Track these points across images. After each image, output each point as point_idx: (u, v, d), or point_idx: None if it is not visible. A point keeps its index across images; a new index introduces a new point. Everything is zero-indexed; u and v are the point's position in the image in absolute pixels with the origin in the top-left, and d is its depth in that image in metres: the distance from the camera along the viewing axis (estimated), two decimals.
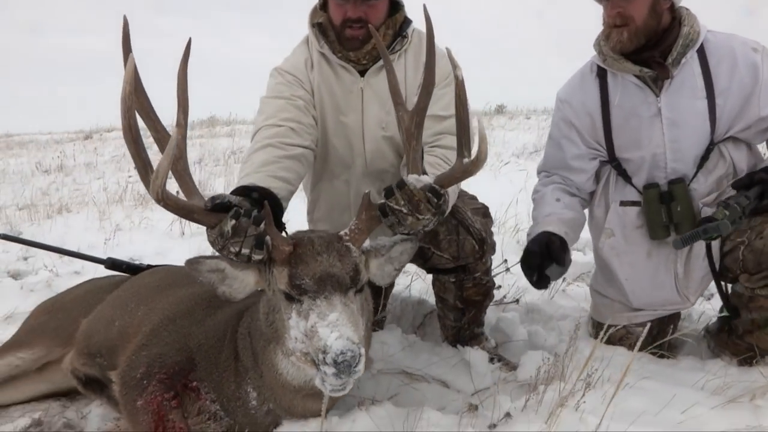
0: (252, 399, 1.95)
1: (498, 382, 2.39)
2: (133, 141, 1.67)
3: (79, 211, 5.88)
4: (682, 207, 2.38)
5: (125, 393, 2.00)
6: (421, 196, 1.75)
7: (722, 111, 2.37)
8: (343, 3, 2.42)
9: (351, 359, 1.55)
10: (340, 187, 2.70)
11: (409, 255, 1.93)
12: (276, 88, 2.54)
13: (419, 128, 1.86)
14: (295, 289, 1.71)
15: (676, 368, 2.34)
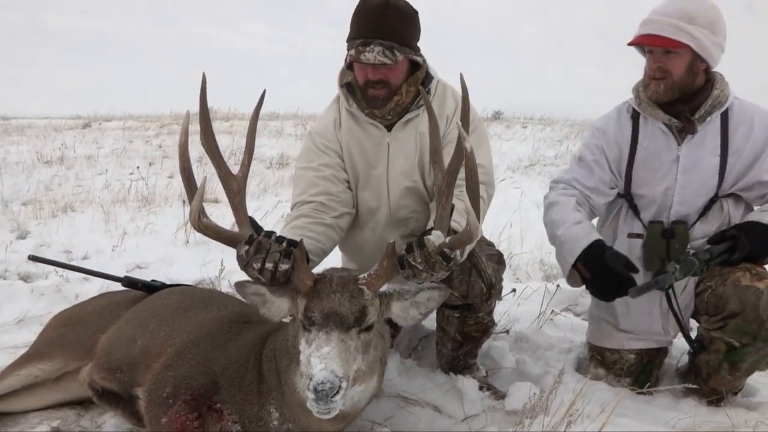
0: (274, 419, 2.12)
1: (487, 410, 2.58)
2: (187, 179, 2.06)
3: (84, 211, 6.01)
4: (679, 245, 2.63)
5: (151, 409, 2.17)
6: (437, 257, 1.92)
7: (732, 169, 2.62)
8: (364, 67, 2.60)
9: (329, 390, 1.74)
10: (367, 234, 2.92)
11: (436, 303, 2.05)
12: (307, 156, 2.80)
13: (450, 188, 2.00)
14: (307, 319, 1.93)
15: (652, 405, 2.52)
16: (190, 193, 2.02)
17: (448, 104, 2.75)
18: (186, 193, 2.04)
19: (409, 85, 2.69)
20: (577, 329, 3.46)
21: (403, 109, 2.73)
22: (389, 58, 2.53)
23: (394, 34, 2.57)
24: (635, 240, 2.75)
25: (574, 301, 3.94)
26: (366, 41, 2.54)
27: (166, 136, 13.32)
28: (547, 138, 13.80)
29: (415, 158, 2.75)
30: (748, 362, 2.50)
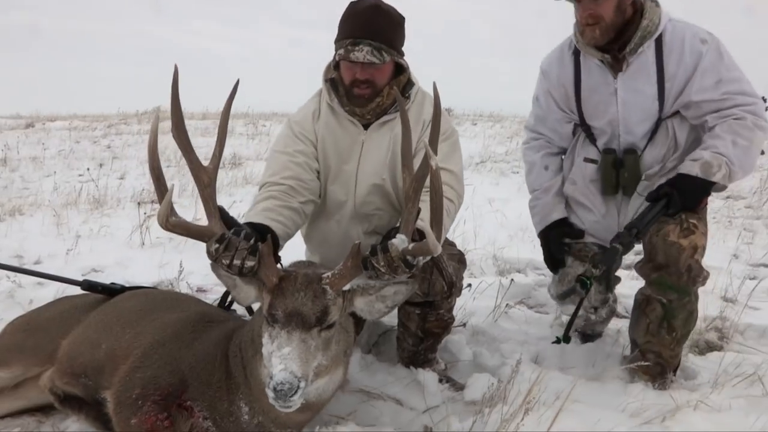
0: (244, 414, 2.17)
1: (447, 401, 2.68)
2: (156, 178, 2.06)
3: (33, 214, 5.87)
4: (629, 174, 2.82)
5: (120, 411, 2.19)
6: (399, 262, 1.98)
7: (669, 94, 2.74)
8: (352, 66, 2.69)
9: (288, 390, 1.82)
10: (332, 226, 2.98)
11: (404, 296, 2.13)
12: (283, 141, 2.86)
13: (417, 193, 2.06)
14: (270, 316, 1.99)
15: (602, 391, 2.64)
16: (160, 192, 2.04)
17: (426, 110, 2.83)
18: (156, 191, 2.06)
19: (390, 87, 2.77)
20: (531, 321, 3.59)
21: (382, 111, 2.81)
22: (377, 58, 2.62)
23: (383, 35, 2.67)
24: (591, 164, 2.94)
25: (527, 295, 4.08)
26: (355, 41, 2.63)
27: (115, 137, 13.07)
28: (496, 135, 14.05)
29: (387, 159, 2.83)
30: (679, 319, 2.68)
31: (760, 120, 2.65)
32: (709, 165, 2.58)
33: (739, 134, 2.60)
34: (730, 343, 3.30)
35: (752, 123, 2.62)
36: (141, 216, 5.17)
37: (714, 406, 2.45)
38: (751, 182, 8.27)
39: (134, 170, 8.85)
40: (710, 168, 2.57)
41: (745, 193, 7.72)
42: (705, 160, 2.58)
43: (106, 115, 18.17)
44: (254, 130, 13.81)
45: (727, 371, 2.79)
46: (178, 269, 4.01)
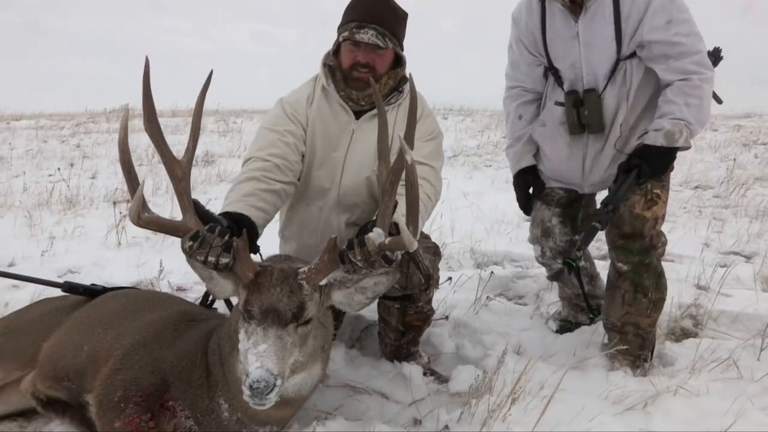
0: (224, 411, 2.16)
1: (432, 393, 2.71)
2: (128, 172, 2.01)
3: (3, 216, 5.75)
4: (589, 112, 2.93)
5: (103, 415, 2.16)
6: (377, 256, 1.98)
7: (625, 34, 2.85)
8: (354, 49, 2.73)
9: (264, 388, 1.81)
10: (314, 212, 2.98)
11: (385, 287, 2.11)
12: (274, 119, 2.85)
13: (393, 186, 2.06)
14: (246, 312, 1.98)
15: (585, 380, 2.70)
16: (131, 187, 2.00)
17: (418, 108, 2.85)
18: (127, 186, 2.02)
19: (388, 78, 2.82)
20: (511, 313, 3.64)
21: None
22: (381, 41, 2.68)
23: (388, 23, 2.73)
24: (558, 107, 3.06)
25: (506, 287, 4.13)
26: (361, 24, 2.69)
27: (84, 135, 12.82)
28: (468, 128, 14.11)
29: (374, 151, 2.82)
30: (648, 279, 2.91)
31: (704, 74, 2.80)
32: (671, 133, 2.74)
33: (689, 95, 2.76)
34: (705, 329, 3.38)
35: (698, 80, 2.78)
36: (117, 216, 5.10)
37: (693, 391, 2.53)
38: (718, 172, 8.47)
39: (105, 169, 8.71)
40: (673, 135, 2.74)
41: (713, 183, 7.89)
42: (667, 129, 2.74)
43: (74, 114, 17.81)
44: (225, 127, 13.69)
45: (703, 357, 2.87)
46: (157, 269, 3.98)
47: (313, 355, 2.12)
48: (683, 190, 7.54)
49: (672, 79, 2.81)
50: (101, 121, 15.52)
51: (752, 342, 3.04)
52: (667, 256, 4.70)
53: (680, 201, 6.79)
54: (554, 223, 3.20)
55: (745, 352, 2.93)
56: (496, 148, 11.02)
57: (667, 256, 4.70)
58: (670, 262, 4.61)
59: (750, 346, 3.01)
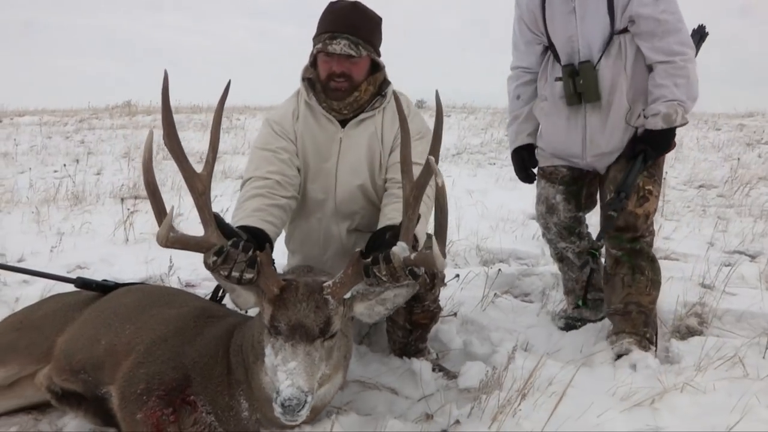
0: (244, 409, 2.20)
1: (441, 389, 2.74)
2: (152, 193, 2.01)
3: (11, 212, 5.79)
4: (584, 81, 3.04)
5: (125, 407, 2.20)
6: (401, 271, 2.00)
7: (617, 7, 2.99)
8: (329, 59, 2.73)
9: (296, 406, 1.83)
10: (313, 224, 3.01)
11: (404, 298, 2.13)
12: (265, 139, 2.86)
13: (417, 200, 2.07)
14: (273, 328, 2.00)
15: (592, 376, 2.72)
16: (156, 208, 2.02)
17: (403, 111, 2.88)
18: (152, 207, 2.03)
19: (368, 84, 2.83)
20: (517, 310, 3.67)
21: (359, 107, 2.85)
22: (355, 51, 2.68)
23: (360, 31, 2.73)
24: (558, 83, 3.16)
25: (512, 285, 4.16)
26: (333, 35, 2.69)
27: (87, 132, 12.87)
28: (471, 126, 14.14)
29: (365, 157, 2.88)
30: (642, 261, 3.12)
31: (687, 54, 2.96)
32: (668, 115, 2.92)
33: (676, 75, 2.93)
34: (710, 327, 3.40)
35: (681, 61, 2.94)
36: (124, 212, 5.13)
37: (699, 388, 2.54)
38: (722, 172, 8.49)
39: (111, 166, 8.76)
40: (670, 117, 2.92)
41: (717, 182, 7.92)
42: (663, 113, 2.92)
43: (76, 110, 17.88)
44: (229, 124, 13.70)
45: (708, 355, 2.89)
46: (165, 265, 4.01)
47: (336, 365, 2.15)
48: (687, 189, 7.57)
49: (657, 59, 2.97)
50: (105, 117, 15.58)
51: (757, 340, 3.06)
52: (671, 255, 4.76)
53: (684, 200, 6.81)
54: (558, 200, 3.34)
55: (750, 350, 2.95)
56: (500, 146, 11.05)
57: (671, 255, 4.76)
58: (675, 261, 4.64)
59: (755, 344, 3.03)
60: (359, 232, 3.01)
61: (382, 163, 2.89)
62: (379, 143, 2.87)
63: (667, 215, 6.02)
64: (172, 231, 1.99)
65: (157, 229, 1.99)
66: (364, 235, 2.94)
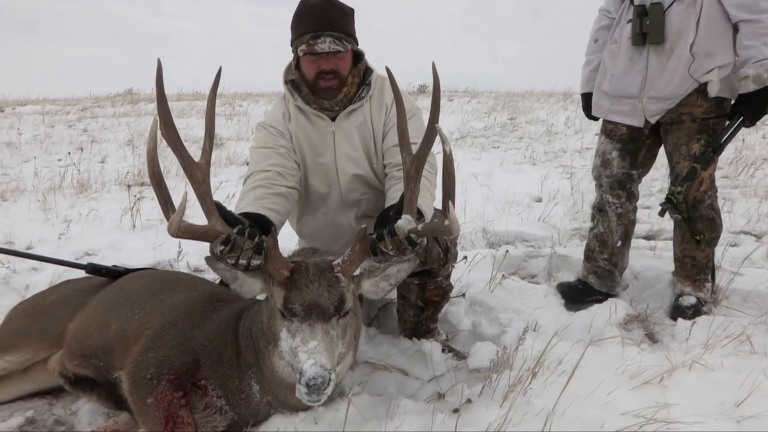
0: (255, 393, 2.21)
1: (451, 370, 2.77)
2: (157, 184, 1.99)
3: (17, 200, 5.82)
4: (651, 21, 3.11)
5: (135, 391, 2.22)
6: (406, 243, 2.02)
7: None
8: (316, 59, 2.73)
9: (321, 384, 1.84)
10: (320, 218, 3.05)
11: (406, 273, 2.16)
12: (261, 139, 2.88)
13: (418, 172, 2.09)
14: (287, 311, 2.00)
15: (601, 355, 2.73)
16: (162, 198, 2.00)
17: (387, 95, 2.90)
18: (157, 198, 2.01)
19: (353, 76, 2.84)
20: (525, 291, 3.68)
21: (348, 100, 2.86)
22: (341, 46, 2.68)
23: (340, 26, 2.72)
24: (629, 24, 3.25)
25: (519, 266, 4.17)
26: (316, 34, 2.67)
27: (90, 120, 12.87)
28: (474, 110, 14.10)
29: (360, 145, 2.90)
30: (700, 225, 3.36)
31: None
32: (758, 76, 2.92)
33: (764, 35, 2.90)
34: (718, 307, 3.42)
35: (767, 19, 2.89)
36: (131, 199, 5.15)
37: (707, 366, 2.56)
38: (726, 153, 8.41)
39: (114, 153, 8.76)
40: (760, 77, 2.92)
41: (722, 163, 7.88)
42: (753, 74, 2.93)
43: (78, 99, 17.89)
44: (231, 111, 13.71)
45: (716, 334, 2.90)
46: (173, 250, 4.04)
47: (349, 344, 2.16)
48: None
49: (742, 17, 2.93)
50: (107, 105, 15.57)
51: (764, 319, 3.07)
52: None
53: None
54: (614, 156, 3.47)
55: (757, 329, 2.96)
56: (503, 130, 11.04)
57: None
58: None
59: (762, 323, 3.04)
60: (368, 217, 3.03)
61: (377, 149, 2.92)
62: (370, 131, 2.89)
63: None
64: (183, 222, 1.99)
65: (164, 218, 2.00)
66: (374, 220, 2.96)
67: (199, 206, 2.08)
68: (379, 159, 2.92)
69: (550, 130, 10.79)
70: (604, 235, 3.60)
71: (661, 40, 3.09)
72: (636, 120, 3.33)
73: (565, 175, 7.16)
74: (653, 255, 4.29)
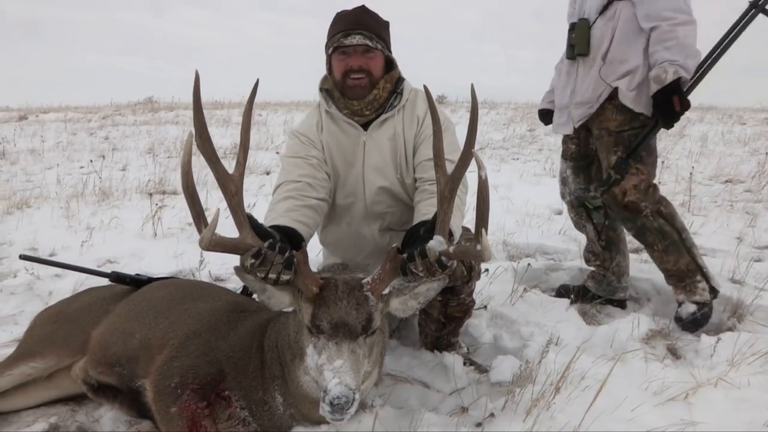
0: (279, 405, 2.21)
1: (473, 383, 2.75)
2: (191, 197, 1.98)
3: (40, 207, 5.88)
4: (577, 34, 3.41)
5: (159, 400, 2.22)
6: (437, 266, 2.01)
7: None
8: (345, 57, 2.75)
9: (345, 403, 1.81)
10: (343, 228, 3.05)
11: (435, 292, 2.12)
12: (293, 149, 2.89)
13: (453, 193, 2.07)
14: (314, 327, 1.99)
15: (624, 370, 2.71)
16: (195, 211, 1.99)
17: (419, 106, 2.90)
18: (190, 211, 2.00)
19: (386, 81, 2.84)
20: (546, 304, 3.66)
21: (379, 106, 2.86)
22: (370, 42, 2.71)
23: (372, 28, 2.75)
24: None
25: (540, 279, 4.15)
26: (347, 32, 2.71)
27: (111, 128, 13.01)
28: (492, 121, 14.09)
29: (390, 157, 2.89)
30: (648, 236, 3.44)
31: (675, 18, 3.13)
32: (657, 76, 3.12)
33: (664, 39, 3.13)
34: (743, 323, 3.38)
35: (668, 26, 3.12)
36: (153, 207, 5.19)
37: (733, 383, 2.53)
38: (748, 166, 8.37)
39: (135, 161, 8.85)
40: (659, 77, 3.11)
41: (744, 177, 7.81)
42: (654, 75, 3.14)
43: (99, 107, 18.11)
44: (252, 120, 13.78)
45: (742, 351, 2.87)
46: (194, 259, 4.06)
47: (375, 362, 2.15)
48: (713, 184, 7.48)
49: (647, 25, 3.19)
50: (127, 114, 15.74)
51: None
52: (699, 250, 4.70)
53: (711, 195, 6.73)
54: (568, 174, 3.79)
55: None
56: (522, 141, 11.01)
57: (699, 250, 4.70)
58: (703, 256, 4.58)
59: None
60: (393, 231, 3.03)
61: (407, 162, 2.90)
62: (402, 143, 2.89)
63: (693, 210, 5.96)
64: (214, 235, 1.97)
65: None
66: (398, 233, 2.96)
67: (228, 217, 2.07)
68: (410, 172, 2.90)
69: None
70: (590, 245, 3.90)
71: (587, 52, 3.38)
72: (568, 128, 3.62)
73: None
74: None
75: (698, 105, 18.49)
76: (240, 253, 2.02)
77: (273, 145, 10.22)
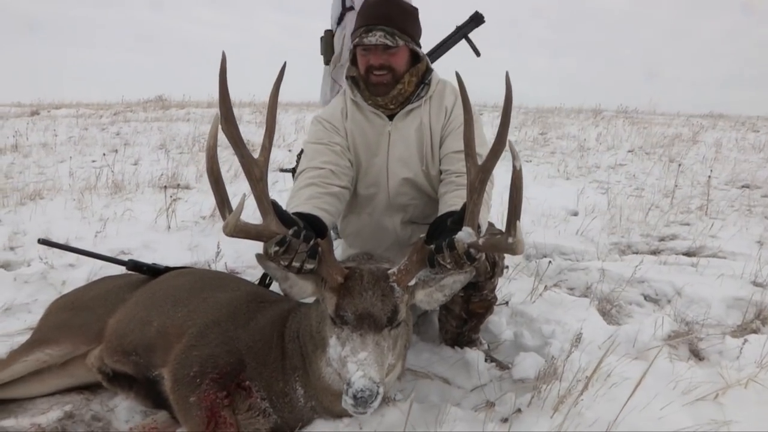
0: (300, 396, 2.16)
1: (494, 380, 2.70)
2: (215, 181, 1.94)
3: (53, 198, 5.84)
4: None
5: (178, 389, 2.18)
6: (465, 258, 1.95)
7: None
8: (366, 53, 2.72)
9: (368, 397, 1.76)
10: (364, 219, 3.02)
11: (461, 284, 2.08)
12: (316, 135, 2.85)
13: (483, 184, 2.02)
14: (338, 318, 1.93)
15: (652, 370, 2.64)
16: (219, 197, 1.95)
17: (447, 98, 2.86)
18: (214, 195, 1.96)
19: (411, 75, 2.79)
20: (566, 303, 3.59)
21: (405, 99, 2.82)
22: (390, 41, 2.64)
23: (395, 21, 2.69)
24: None
25: (559, 278, 4.09)
26: (368, 28, 2.66)
27: (123, 124, 13.00)
28: None
29: (415, 148, 2.84)
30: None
31: None
32: None
33: None
34: (767, 325, 3.32)
35: None
36: (167, 199, 5.16)
37: (764, 384, 2.46)
38: (765, 172, 8.30)
39: (147, 156, 8.82)
40: None
41: (761, 182, 7.73)
42: None
43: (110, 104, 18.13)
44: (261, 119, 13.76)
45: None
46: (211, 251, 4.03)
47: (398, 355, 2.09)
48: (730, 189, 7.40)
49: None
50: (138, 110, 15.75)
51: None
52: (719, 253, 4.65)
53: (728, 200, 6.65)
54: None
55: None
56: (535, 144, 10.95)
57: (719, 253, 4.65)
58: (723, 259, 4.52)
59: None
60: (414, 224, 2.98)
61: (433, 153, 2.85)
62: (428, 134, 2.83)
63: (711, 214, 5.89)
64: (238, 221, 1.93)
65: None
66: (419, 226, 2.91)
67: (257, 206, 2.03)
68: (435, 163, 2.85)
69: (582, 146, 10.66)
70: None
71: None
72: None
73: (600, 191, 7.05)
74: (695, 271, 4.19)
75: (709, 113, 18.39)
76: (264, 240, 1.98)
77: (284, 143, 10.18)
